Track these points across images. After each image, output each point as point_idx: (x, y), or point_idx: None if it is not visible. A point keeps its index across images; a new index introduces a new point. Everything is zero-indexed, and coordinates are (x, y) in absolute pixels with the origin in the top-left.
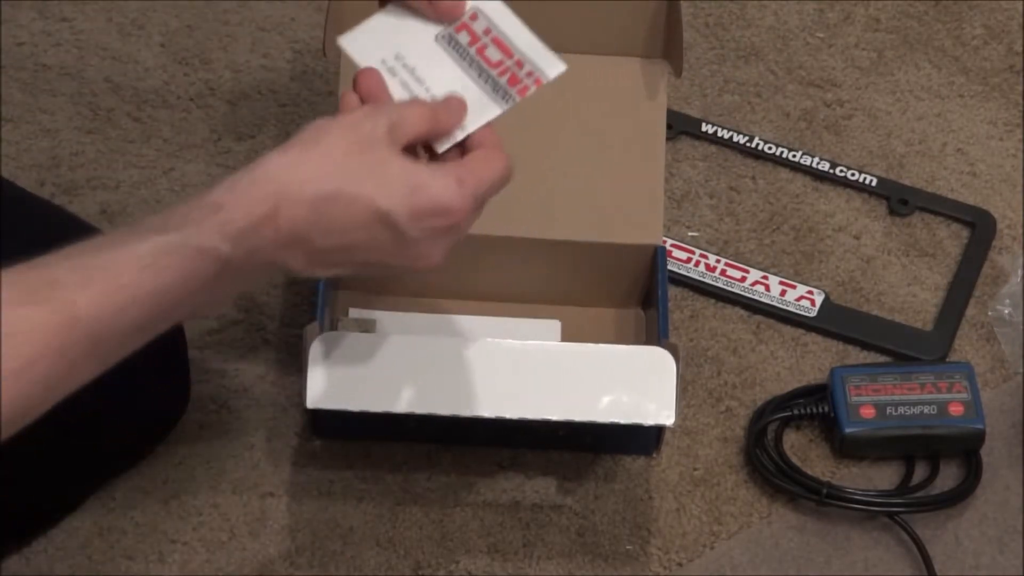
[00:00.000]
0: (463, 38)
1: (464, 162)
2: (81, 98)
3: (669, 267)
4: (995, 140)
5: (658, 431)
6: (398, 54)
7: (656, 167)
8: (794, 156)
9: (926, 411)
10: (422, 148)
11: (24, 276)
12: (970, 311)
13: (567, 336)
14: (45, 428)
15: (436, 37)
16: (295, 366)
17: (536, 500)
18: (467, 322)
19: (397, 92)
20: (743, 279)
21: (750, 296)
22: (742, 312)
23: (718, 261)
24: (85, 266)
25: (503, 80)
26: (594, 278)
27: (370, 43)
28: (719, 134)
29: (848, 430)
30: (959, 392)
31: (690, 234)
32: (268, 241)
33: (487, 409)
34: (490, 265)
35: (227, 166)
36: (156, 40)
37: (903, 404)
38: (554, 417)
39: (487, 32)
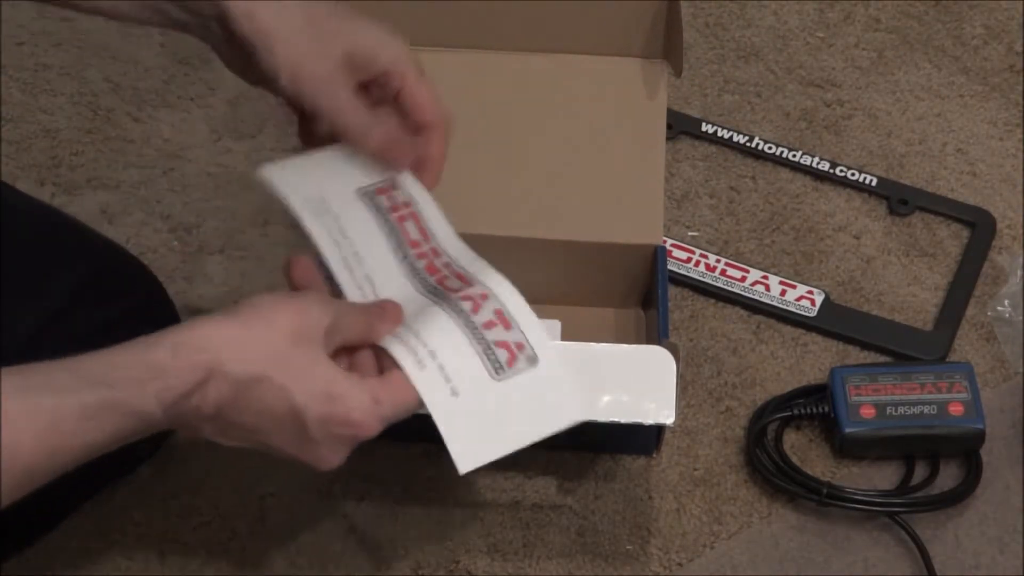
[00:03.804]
0: (383, 202)
1: (384, 383)
2: (81, 98)
3: (669, 267)
4: (995, 140)
5: (658, 431)
6: (323, 198)
7: (656, 167)
8: (794, 156)
9: (926, 411)
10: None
11: None
12: (970, 311)
13: (567, 336)
14: None
15: (358, 191)
16: None
17: (536, 500)
18: None
19: (326, 244)
20: (743, 279)
21: (750, 296)
22: (742, 312)
23: (718, 261)
24: (36, 408)
25: (420, 264)
26: (594, 278)
27: (295, 179)
28: (719, 134)
29: (848, 430)
30: (959, 392)
31: (690, 234)
32: (192, 409)
33: None
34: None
35: (227, 166)
36: (156, 40)
37: (903, 404)
38: None
39: (407, 204)
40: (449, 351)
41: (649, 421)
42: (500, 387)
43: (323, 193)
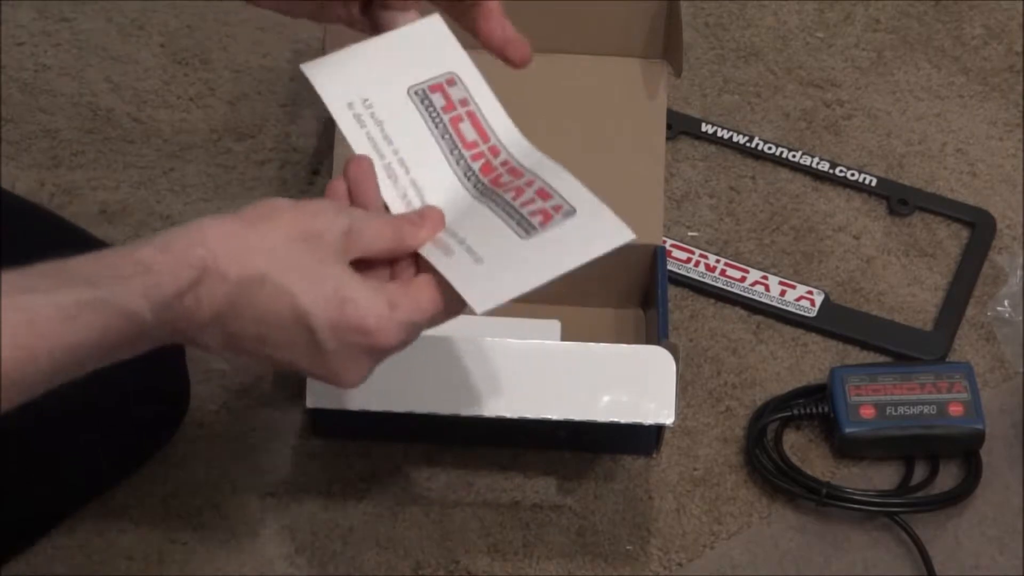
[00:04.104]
0: (438, 101)
1: (404, 287)
2: (81, 98)
3: (669, 267)
4: (995, 140)
5: (658, 431)
6: (367, 100)
7: (656, 167)
8: (794, 156)
9: (926, 411)
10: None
11: None
12: (970, 311)
13: (567, 336)
14: (46, 429)
15: (409, 91)
16: None
17: (536, 500)
18: (467, 322)
19: (364, 150)
20: (743, 279)
21: (750, 296)
22: (742, 312)
23: (718, 261)
24: (10, 306)
25: (476, 165)
26: (594, 278)
27: (338, 78)
28: (719, 134)
29: (848, 430)
30: (959, 392)
31: (690, 234)
32: (186, 312)
33: (487, 409)
34: None
35: (227, 166)
36: (156, 40)
37: (903, 404)
38: (554, 416)
39: (463, 103)
40: (480, 233)
41: (649, 421)
42: (530, 242)
43: (369, 95)
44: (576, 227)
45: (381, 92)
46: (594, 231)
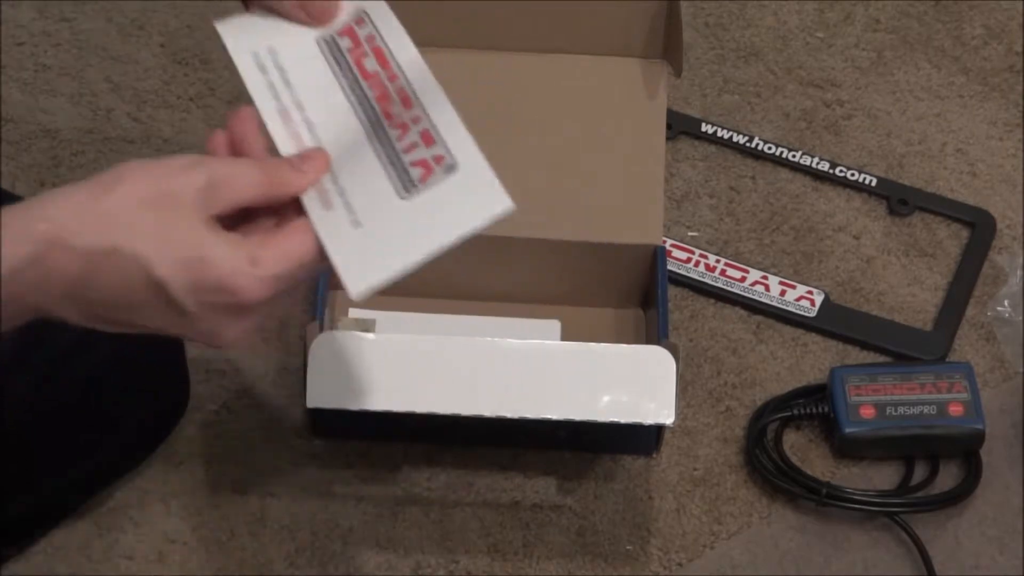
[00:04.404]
0: (344, 43)
1: (266, 239)
2: (81, 98)
3: (669, 267)
4: (995, 140)
5: (658, 431)
6: (272, 48)
7: (656, 167)
8: (794, 156)
9: (926, 411)
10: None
11: None
12: (970, 311)
13: (567, 336)
14: (46, 428)
15: (318, 39)
16: (295, 366)
17: (536, 500)
18: (467, 322)
19: (262, 96)
20: (743, 279)
21: (750, 296)
22: (742, 312)
23: (718, 261)
24: None
25: (373, 93)
26: (594, 278)
27: (248, 31)
28: (719, 134)
29: (848, 430)
30: (959, 392)
31: (690, 234)
32: (33, 285)
33: (487, 408)
34: (490, 265)
35: None
36: (156, 40)
37: (903, 404)
38: (554, 416)
39: (370, 39)
40: (360, 184)
41: (649, 421)
42: (409, 204)
43: (275, 44)
44: (455, 188)
45: (288, 42)
46: (473, 197)
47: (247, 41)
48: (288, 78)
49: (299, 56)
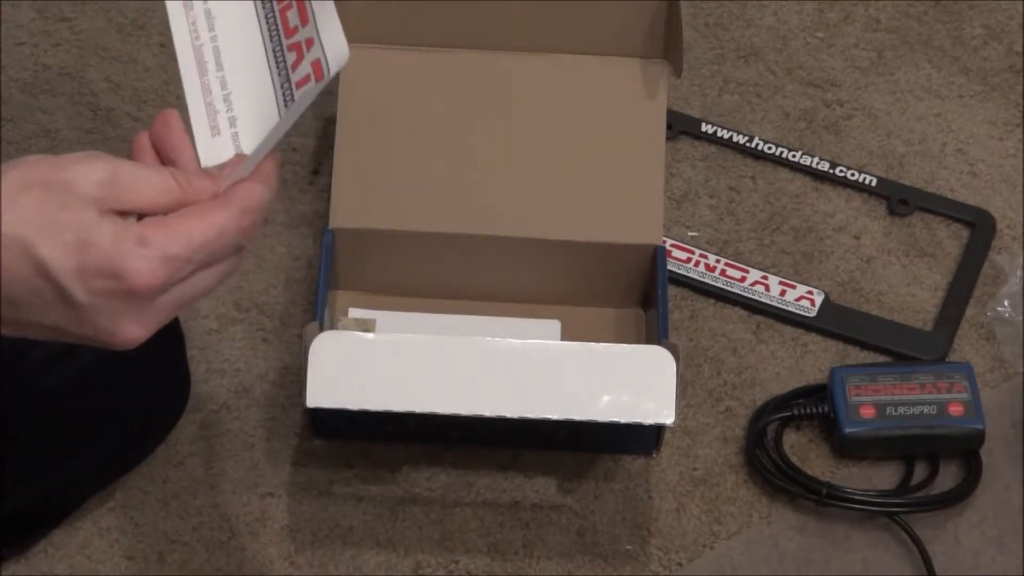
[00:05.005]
0: None
1: (161, 220)
2: (81, 98)
3: (669, 267)
4: (995, 140)
5: (658, 431)
6: None
7: (656, 167)
8: (794, 156)
9: (926, 411)
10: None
11: None
12: (970, 311)
13: (567, 336)
14: (46, 428)
15: None
16: (295, 366)
17: (536, 500)
18: (467, 322)
19: (180, 31)
20: (743, 279)
21: (750, 296)
22: (742, 312)
23: (718, 261)
24: None
25: (291, 63)
26: (594, 278)
27: None
28: (719, 134)
29: (848, 430)
30: (959, 392)
31: (690, 234)
32: None
33: (487, 408)
34: (490, 265)
35: None
36: (156, 40)
37: (903, 404)
38: (554, 416)
39: None
40: (250, 106)
41: (649, 421)
42: (285, 114)
43: None
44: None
45: None
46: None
47: None
48: (212, 21)
49: (232, 10)
